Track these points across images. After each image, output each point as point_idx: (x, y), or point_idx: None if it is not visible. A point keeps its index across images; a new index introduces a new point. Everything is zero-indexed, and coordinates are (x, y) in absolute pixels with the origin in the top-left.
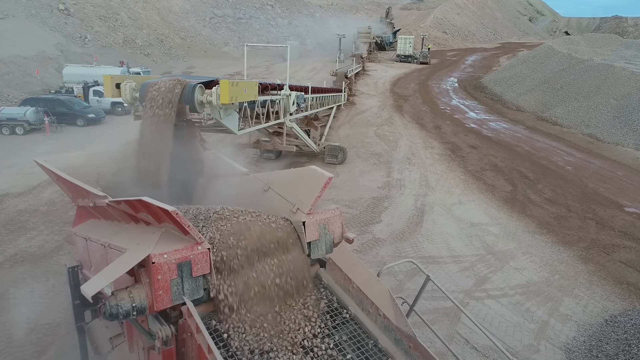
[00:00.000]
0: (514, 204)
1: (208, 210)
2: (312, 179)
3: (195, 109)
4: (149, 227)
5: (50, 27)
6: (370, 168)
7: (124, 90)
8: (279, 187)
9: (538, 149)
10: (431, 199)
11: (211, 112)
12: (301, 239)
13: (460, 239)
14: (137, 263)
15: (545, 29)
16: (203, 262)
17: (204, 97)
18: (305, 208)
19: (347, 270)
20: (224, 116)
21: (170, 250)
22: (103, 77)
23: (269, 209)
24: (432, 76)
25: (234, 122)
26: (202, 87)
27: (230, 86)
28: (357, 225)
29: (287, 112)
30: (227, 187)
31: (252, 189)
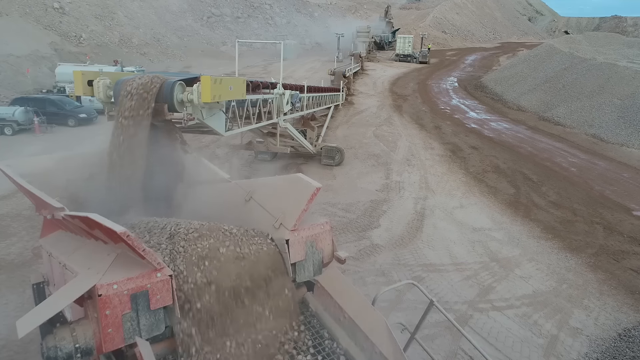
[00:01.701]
0: (517, 207)
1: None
2: (298, 189)
3: (175, 108)
4: (106, 247)
5: (45, 25)
6: (368, 170)
7: (96, 87)
8: (261, 197)
9: (541, 150)
10: (431, 202)
11: (193, 112)
12: (285, 259)
13: (462, 244)
14: (79, 296)
15: (544, 29)
16: (163, 292)
17: (184, 96)
18: (290, 223)
19: (338, 297)
20: (208, 116)
21: (122, 279)
22: (73, 73)
23: (249, 221)
24: (432, 76)
25: (219, 122)
26: (182, 84)
27: (213, 83)
28: (355, 231)
29: (281, 112)
30: (208, 195)
31: (234, 197)
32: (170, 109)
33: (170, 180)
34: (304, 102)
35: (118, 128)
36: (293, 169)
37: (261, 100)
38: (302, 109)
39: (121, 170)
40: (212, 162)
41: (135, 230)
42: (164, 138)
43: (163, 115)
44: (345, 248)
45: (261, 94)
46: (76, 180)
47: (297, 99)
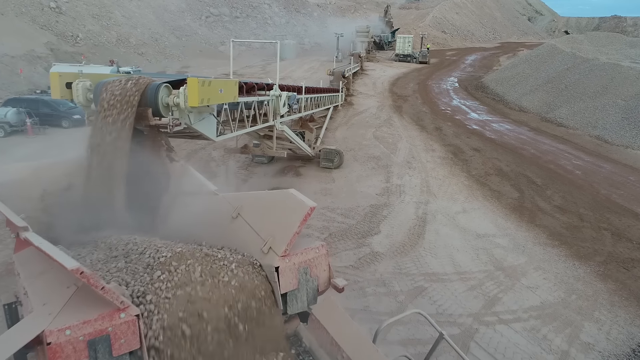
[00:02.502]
0: (522, 212)
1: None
2: (289, 207)
3: (160, 112)
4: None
5: (41, 25)
6: (368, 173)
7: (75, 90)
8: (249, 214)
9: (544, 152)
10: (433, 207)
11: (179, 117)
12: (274, 289)
13: (466, 252)
14: (27, 342)
15: (544, 29)
16: (129, 335)
17: (170, 99)
18: (280, 248)
19: (334, 332)
20: (196, 121)
21: (77, 323)
22: (50, 75)
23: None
24: (432, 76)
25: (210, 127)
26: (168, 86)
27: (201, 86)
28: (354, 237)
29: (277, 114)
30: (193, 209)
31: (220, 212)
32: (155, 113)
33: (155, 191)
34: (302, 103)
35: (97, 135)
36: (291, 171)
37: (256, 102)
38: (300, 110)
39: (100, 181)
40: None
41: (112, 253)
42: (148, 145)
43: (147, 120)
44: (344, 256)
45: (256, 95)
46: (53, 190)
47: (294, 101)
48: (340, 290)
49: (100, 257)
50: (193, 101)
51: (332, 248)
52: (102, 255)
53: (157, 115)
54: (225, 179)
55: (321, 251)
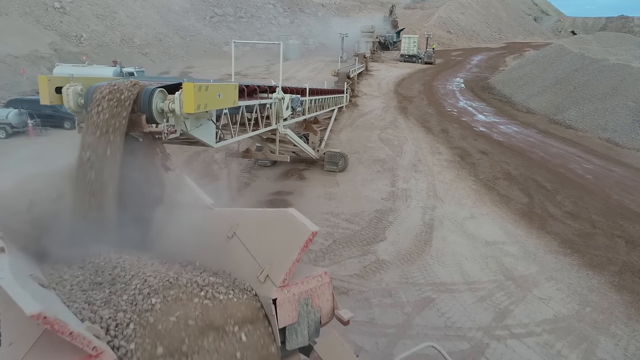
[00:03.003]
0: (532, 218)
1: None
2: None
3: (155, 119)
4: None
5: (45, 25)
6: (373, 176)
7: (66, 95)
8: (246, 234)
9: (553, 155)
10: (440, 212)
11: (175, 123)
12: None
13: (474, 260)
14: None
15: (550, 29)
16: None
17: (165, 105)
18: (278, 277)
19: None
20: (193, 127)
21: None
22: (38, 79)
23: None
24: (437, 76)
25: (208, 133)
26: (163, 91)
27: (197, 91)
28: (359, 244)
29: (280, 117)
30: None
31: (215, 230)
32: (149, 120)
33: (148, 203)
34: (306, 105)
35: (87, 143)
36: (294, 175)
37: (258, 105)
38: (304, 113)
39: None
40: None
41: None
42: (141, 153)
43: (141, 127)
44: (349, 264)
45: (258, 99)
46: (42, 201)
47: (297, 103)
48: (345, 323)
49: (84, 282)
50: (189, 107)
51: (336, 255)
52: (86, 280)
53: (152, 121)
54: (228, 182)
55: (324, 279)
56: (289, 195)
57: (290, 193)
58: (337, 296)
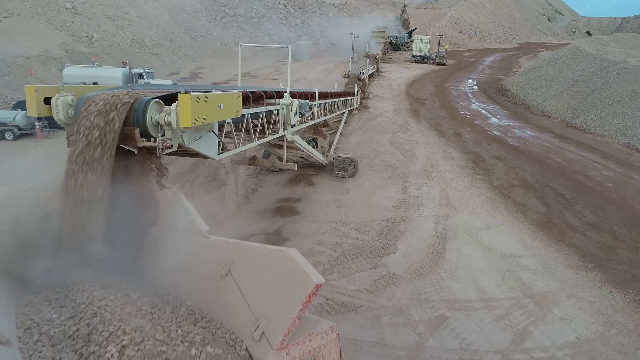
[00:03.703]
0: (550, 229)
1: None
2: (290, 277)
3: (149, 132)
4: None
5: (56, 26)
6: (384, 182)
7: (55, 106)
8: (241, 274)
9: (571, 162)
10: (454, 222)
11: (172, 136)
12: None
13: (490, 275)
14: None
15: (564, 29)
16: None
17: (161, 117)
18: (275, 337)
19: None
20: (191, 141)
21: None
22: (25, 90)
23: (222, 310)
24: (450, 78)
25: (209, 145)
26: (158, 102)
27: (195, 103)
28: (369, 256)
29: (288, 124)
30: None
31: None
32: (144, 133)
33: (141, 224)
34: (315, 109)
35: (75, 157)
36: (303, 180)
37: (264, 112)
38: (313, 117)
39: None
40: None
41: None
42: (135, 169)
43: (134, 141)
44: (358, 278)
45: (264, 105)
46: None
47: (306, 109)
48: None
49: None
50: (185, 121)
51: (345, 268)
52: (59, 329)
53: (146, 135)
54: (235, 187)
55: (330, 336)
56: (297, 202)
57: (298, 200)
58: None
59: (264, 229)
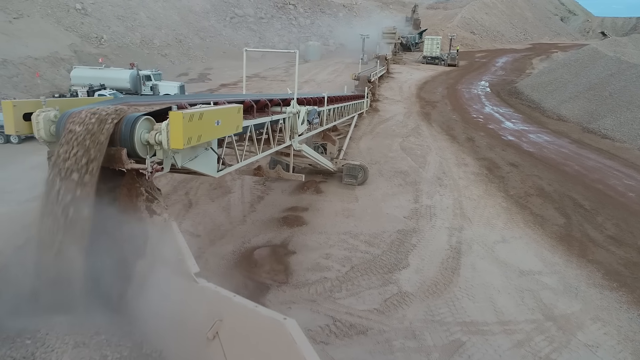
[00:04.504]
0: (570, 243)
1: None
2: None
3: (138, 153)
4: None
5: (66, 27)
6: (395, 190)
7: (36, 123)
8: (230, 340)
9: (590, 169)
10: (468, 234)
11: (164, 157)
12: None
13: (508, 294)
14: None
15: (577, 29)
16: None
17: (151, 136)
18: None
19: None
20: (186, 161)
21: None
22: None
23: None
24: (462, 80)
25: (207, 163)
26: (149, 119)
27: (187, 122)
28: (379, 272)
29: (295, 133)
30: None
31: (196, 315)
32: (132, 154)
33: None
34: (324, 115)
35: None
36: (311, 187)
37: (269, 122)
38: (322, 124)
39: (57, 246)
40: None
41: None
42: (122, 193)
43: (121, 163)
44: (368, 296)
45: (270, 114)
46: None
47: (314, 116)
48: None
49: None
50: (176, 142)
51: (354, 285)
52: None
53: (134, 156)
54: (241, 195)
55: None
56: (304, 212)
57: (306, 209)
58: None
59: (270, 241)
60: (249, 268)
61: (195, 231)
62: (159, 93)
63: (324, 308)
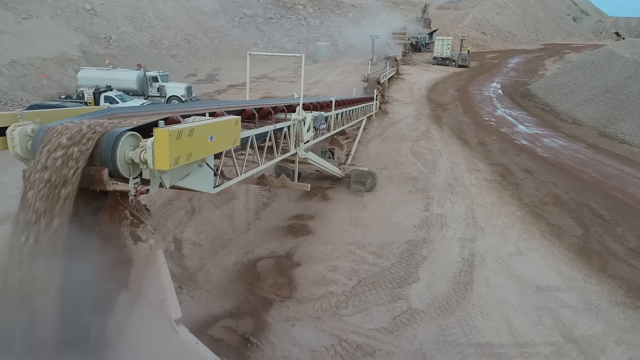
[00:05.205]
0: (589, 256)
1: None
2: None
3: (121, 172)
4: None
5: (75, 27)
6: (404, 197)
7: (10, 138)
8: None
9: (608, 176)
10: (481, 246)
11: (150, 176)
12: None
13: (524, 312)
14: None
15: (590, 30)
16: None
17: (135, 154)
18: None
19: None
20: (176, 180)
21: None
22: None
23: None
24: (473, 81)
25: (202, 179)
26: (134, 135)
27: (174, 140)
28: (388, 286)
29: (300, 141)
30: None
31: None
32: (114, 174)
33: (106, 289)
34: (332, 120)
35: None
36: (318, 194)
37: (272, 131)
38: (329, 129)
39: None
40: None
41: None
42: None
43: (102, 184)
44: (376, 314)
45: (273, 121)
46: None
47: (321, 122)
48: None
49: None
50: (162, 163)
51: (362, 301)
52: None
53: (116, 176)
54: (245, 201)
55: None
56: (310, 220)
57: (312, 217)
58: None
59: (274, 251)
60: (252, 281)
61: (198, 240)
62: (165, 94)
63: (330, 326)
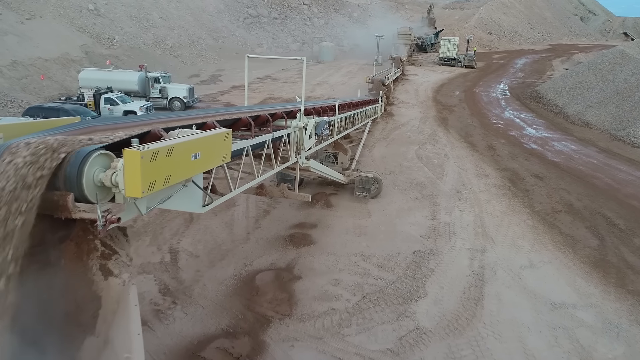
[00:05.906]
0: (606, 269)
1: None
2: None
3: (88, 198)
4: None
5: (78, 27)
6: (410, 205)
7: None
8: None
9: (622, 183)
10: (492, 257)
11: (123, 202)
12: None
13: (539, 332)
14: None
15: (598, 30)
16: None
17: (106, 177)
18: None
19: None
20: (154, 204)
21: None
22: None
23: None
24: (479, 82)
25: (188, 199)
26: (106, 154)
27: (148, 162)
28: (393, 302)
29: (302, 149)
30: None
31: None
32: (80, 198)
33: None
34: (335, 125)
35: None
36: (320, 200)
37: (271, 140)
38: (332, 134)
39: None
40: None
41: None
42: (69, 250)
43: (67, 212)
44: (380, 333)
45: (271, 129)
46: None
47: (323, 128)
48: None
49: None
50: (133, 190)
51: (366, 319)
52: None
53: (83, 201)
54: (245, 209)
55: None
56: (312, 229)
57: (314, 226)
58: None
59: (274, 263)
60: (250, 296)
61: (195, 251)
62: (167, 96)
63: (331, 347)
